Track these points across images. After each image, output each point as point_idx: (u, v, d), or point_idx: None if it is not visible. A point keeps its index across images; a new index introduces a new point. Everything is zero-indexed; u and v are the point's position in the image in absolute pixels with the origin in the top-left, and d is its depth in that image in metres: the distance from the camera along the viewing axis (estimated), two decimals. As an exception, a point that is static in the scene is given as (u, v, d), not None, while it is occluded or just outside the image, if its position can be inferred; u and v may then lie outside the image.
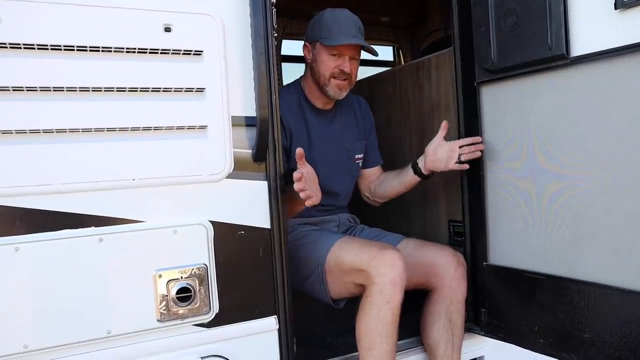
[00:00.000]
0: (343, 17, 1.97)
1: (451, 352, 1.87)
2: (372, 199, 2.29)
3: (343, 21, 1.96)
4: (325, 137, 2.08)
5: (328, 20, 1.96)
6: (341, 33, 1.93)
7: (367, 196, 2.30)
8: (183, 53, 1.44)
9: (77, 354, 1.37)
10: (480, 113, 1.88)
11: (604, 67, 1.45)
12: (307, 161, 1.94)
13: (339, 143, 2.12)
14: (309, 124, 2.04)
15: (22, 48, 1.28)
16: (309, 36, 2.03)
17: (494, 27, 1.72)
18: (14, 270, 1.30)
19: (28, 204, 1.32)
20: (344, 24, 1.95)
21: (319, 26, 1.98)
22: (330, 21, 1.96)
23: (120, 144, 1.40)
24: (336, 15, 1.97)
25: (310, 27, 2.03)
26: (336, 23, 1.95)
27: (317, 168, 2.00)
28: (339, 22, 1.95)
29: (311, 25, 2.03)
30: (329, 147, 2.08)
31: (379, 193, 2.24)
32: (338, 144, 2.11)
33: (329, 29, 1.94)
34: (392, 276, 1.65)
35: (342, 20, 1.96)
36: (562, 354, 1.63)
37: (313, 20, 2.04)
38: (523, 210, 1.76)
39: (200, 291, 1.48)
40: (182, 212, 1.48)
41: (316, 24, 2.00)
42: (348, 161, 2.15)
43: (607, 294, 1.50)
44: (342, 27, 1.94)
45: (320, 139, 2.06)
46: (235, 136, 1.52)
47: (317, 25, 1.99)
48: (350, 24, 1.96)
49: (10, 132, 1.28)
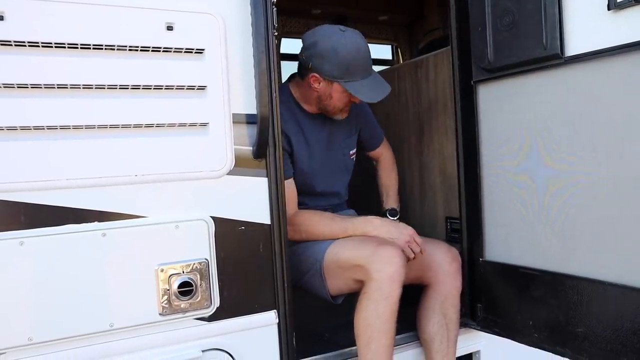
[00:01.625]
0: (360, 57, 1.87)
1: (446, 346, 1.90)
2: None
3: (361, 62, 1.88)
4: (321, 140, 2.08)
5: (346, 60, 1.84)
6: (365, 79, 1.89)
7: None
8: (185, 51, 1.47)
9: (80, 346, 1.40)
10: (477, 111, 1.91)
11: (598, 66, 1.48)
12: (307, 166, 1.99)
13: (334, 143, 2.13)
14: (304, 128, 2.04)
15: (26, 46, 1.30)
16: (321, 69, 1.87)
17: (491, 27, 1.75)
18: (18, 264, 1.32)
19: (32, 199, 1.34)
20: (363, 65, 1.88)
21: (336, 65, 1.85)
22: (348, 61, 1.85)
23: (122, 140, 1.43)
24: (352, 54, 1.85)
25: (320, 59, 1.86)
26: (355, 63, 1.87)
27: (318, 172, 2.04)
28: (358, 62, 1.87)
29: (321, 57, 1.86)
30: (325, 149, 2.09)
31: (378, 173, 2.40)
32: (333, 144, 2.12)
33: (348, 71, 1.86)
34: (390, 272, 1.67)
35: (361, 61, 1.88)
36: (555, 347, 1.66)
37: (323, 50, 1.85)
38: (519, 207, 1.78)
39: (201, 285, 1.50)
40: (183, 207, 1.50)
41: (332, 60, 1.85)
42: (343, 159, 2.18)
43: (600, 289, 1.53)
44: (364, 67, 1.89)
45: (317, 142, 2.07)
46: (236, 133, 1.54)
47: (334, 63, 1.85)
48: (368, 61, 1.91)
49: (15, 129, 1.31)
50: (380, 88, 1.94)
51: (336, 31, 1.87)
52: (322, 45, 1.86)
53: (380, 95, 1.93)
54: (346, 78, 1.87)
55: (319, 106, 2.01)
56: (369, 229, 1.88)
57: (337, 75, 1.88)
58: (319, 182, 2.07)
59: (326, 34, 1.88)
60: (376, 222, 1.90)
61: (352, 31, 1.90)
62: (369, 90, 1.91)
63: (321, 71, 1.89)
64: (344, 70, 1.86)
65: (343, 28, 1.89)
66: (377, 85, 1.94)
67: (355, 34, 1.90)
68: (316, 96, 1.97)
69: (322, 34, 1.89)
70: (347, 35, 1.87)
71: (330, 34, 1.87)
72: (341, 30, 1.87)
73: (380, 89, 1.94)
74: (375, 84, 1.94)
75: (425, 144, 2.47)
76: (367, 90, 1.90)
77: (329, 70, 1.87)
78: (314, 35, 1.90)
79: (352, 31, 1.90)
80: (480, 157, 1.92)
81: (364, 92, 1.90)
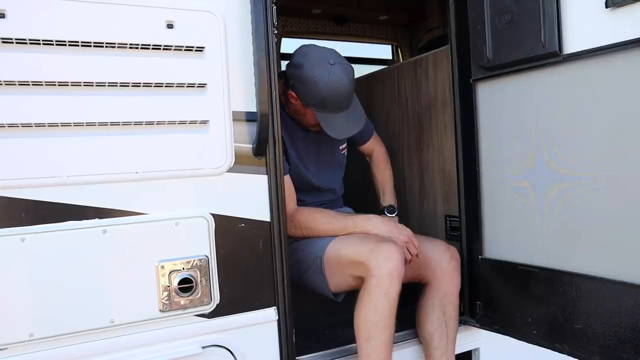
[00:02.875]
0: (338, 94, 1.87)
1: (445, 343, 1.90)
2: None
3: (338, 99, 1.88)
4: (309, 139, 2.08)
5: (323, 94, 1.85)
6: (340, 113, 1.91)
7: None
8: (185, 49, 1.48)
9: (80, 342, 1.40)
10: (476, 109, 1.92)
11: (596, 64, 1.49)
12: (298, 166, 2.00)
13: (322, 141, 2.12)
14: (292, 130, 2.03)
15: (27, 43, 1.31)
16: (298, 92, 1.89)
17: (490, 25, 1.76)
18: (20, 261, 1.33)
19: (34, 195, 1.35)
20: (339, 102, 1.88)
21: (313, 96, 1.86)
22: (324, 96, 1.85)
23: (123, 138, 1.43)
24: (331, 90, 1.85)
25: (300, 83, 1.87)
26: (332, 99, 1.87)
27: (309, 171, 2.05)
28: (335, 99, 1.87)
29: (300, 82, 1.87)
30: (314, 148, 2.10)
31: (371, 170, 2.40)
32: (322, 142, 2.12)
33: (323, 104, 1.87)
34: (389, 269, 1.68)
35: (338, 98, 1.87)
36: (554, 344, 1.67)
37: (304, 76, 1.85)
38: (518, 204, 1.79)
39: (201, 282, 1.51)
40: (183, 204, 1.51)
41: (310, 89, 1.85)
42: (335, 155, 2.19)
43: (598, 285, 1.54)
44: (339, 104, 1.89)
45: (305, 142, 2.07)
46: (236, 131, 1.55)
47: (311, 93, 1.86)
48: (347, 98, 1.91)
49: (17, 126, 1.32)
50: (351, 125, 1.96)
51: (324, 61, 1.85)
52: (305, 71, 1.86)
53: (348, 133, 1.98)
54: (320, 109, 1.89)
55: (294, 116, 2.03)
56: (369, 227, 1.89)
57: (311, 103, 1.89)
58: (312, 177, 2.08)
59: (314, 61, 1.86)
60: (376, 220, 1.91)
61: (341, 66, 1.87)
62: (338, 126, 1.93)
63: (298, 94, 1.91)
64: (319, 102, 1.87)
65: (334, 60, 1.86)
66: (349, 122, 1.95)
67: (342, 68, 1.87)
68: (293, 108, 2.00)
69: (310, 59, 1.87)
70: (333, 70, 1.84)
71: (317, 62, 1.86)
72: (330, 63, 1.85)
73: (350, 126, 1.96)
74: (347, 119, 1.94)
75: (424, 143, 2.48)
76: (336, 125, 1.92)
77: (305, 97, 1.89)
78: (303, 57, 1.89)
79: (341, 66, 1.87)
80: (480, 155, 1.93)
81: (331, 126, 1.91)
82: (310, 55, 1.88)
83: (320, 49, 1.93)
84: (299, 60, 1.89)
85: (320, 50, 1.92)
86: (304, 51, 1.91)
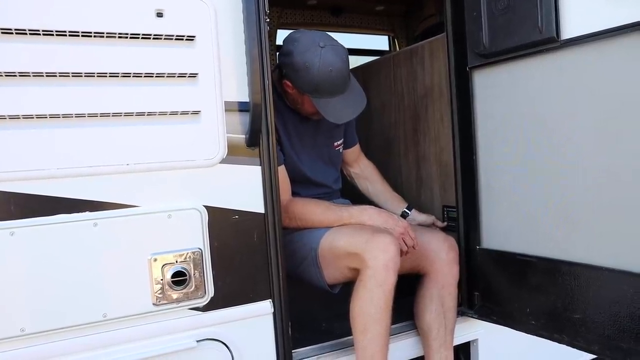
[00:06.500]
0: (332, 77, 1.81)
1: (444, 334, 1.90)
2: (350, 180, 2.39)
3: (333, 82, 1.82)
4: (303, 131, 2.05)
5: (316, 79, 1.79)
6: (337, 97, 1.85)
7: (347, 175, 2.39)
8: (175, 38, 1.45)
9: (73, 337, 1.39)
10: (473, 97, 1.89)
11: (594, 49, 1.46)
12: (290, 157, 1.98)
13: (317, 134, 2.09)
14: (287, 121, 2.00)
15: (13, 33, 1.28)
16: (292, 80, 1.85)
17: (486, 11, 1.73)
18: (9, 255, 1.31)
19: (23, 188, 1.33)
20: (333, 85, 1.82)
21: (306, 81, 1.82)
22: (318, 80, 1.80)
23: (114, 129, 1.41)
24: (324, 74, 1.79)
25: (292, 71, 1.83)
26: (325, 83, 1.81)
27: (301, 163, 2.03)
28: (328, 82, 1.81)
29: (292, 69, 1.82)
30: (308, 141, 2.07)
31: (362, 186, 2.36)
32: (316, 136, 2.09)
33: (317, 89, 1.82)
34: (385, 260, 1.66)
35: (332, 81, 1.81)
36: (553, 334, 1.65)
37: (295, 63, 1.80)
38: (515, 193, 1.77)
39: (195, 275, 1.49)
40: (176, 196, 1.49)
41: (302, 75, 1.81)
42: (329, 150, 2.15)
43: (597, 274, 1.52)
44: (335, 87, 1.83)
45: (299, 134, 2.04)
46: (229, 121, 1.52)
47: (304, 79, 1.81)
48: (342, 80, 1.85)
49: (4, 118, 1.29)
50: (351, 107, 1.91)
51: (314, 45, 1.80)
52: (295, 57, 1.81)
53: (348, 116, 1.92)
54: (315, 94, 1.84)
55: (293, 106, 1.99)
56: (364, 218, 1.87)
57: (306, 90, 1.85)
58: (307, 169, 2.05)
59: (303, 46, 1.81)
60: (372, 211, 1.89)
61: (332, 47, 1.81)
62: (337, 109, 1.87)
63: (292, 82, 1.87)
64: (313, 87, 1.82)
65: (324, 43, 1.80)
66: (347, 104, 1.89)
67: (333, 50, 1.81)
68: (290, 98, 1.97)
69: (299, 45, 1.82)
70: (324, 52, 1.79)
71: (306, 47, 1.80)
72: (320, 46, 1.79)
73: (350, 109, 1.91)
74: (346, 101, 1.89)
75: (421, 132, 2.45)
76: (334, 109, 1.86)
77: (299, 84, 1.85)
78: (292, 43, 1.84)
79: (332, 47, 1.81)
80: (476, 144, 1.91)
81: (330, 110, 1.85)
82: (299, 40, 1.84)
83: (309, 33, 1.87)
84: (289, 47, 1.85)
85: (309, 34, 1.86)
86: (293, 37, 1.87)
